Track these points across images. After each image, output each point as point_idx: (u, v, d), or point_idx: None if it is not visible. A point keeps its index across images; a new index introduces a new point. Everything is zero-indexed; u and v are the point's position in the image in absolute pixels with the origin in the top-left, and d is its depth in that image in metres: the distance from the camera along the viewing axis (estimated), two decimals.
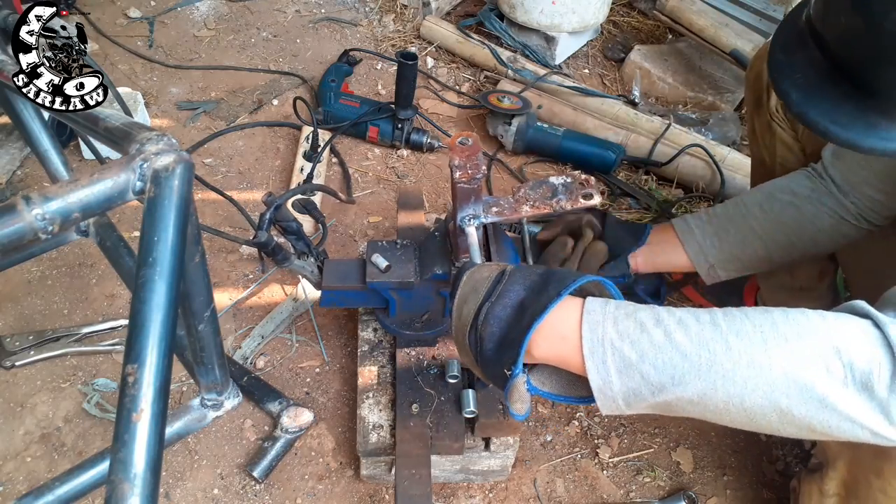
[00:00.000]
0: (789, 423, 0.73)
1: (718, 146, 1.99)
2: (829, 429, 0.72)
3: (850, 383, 0.69)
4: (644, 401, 0.76)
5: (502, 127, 2.03)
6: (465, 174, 1.04)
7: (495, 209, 1.09)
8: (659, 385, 0.74)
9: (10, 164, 1.84)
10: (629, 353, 0.75)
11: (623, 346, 0.75)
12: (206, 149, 2.01)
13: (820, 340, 0.71)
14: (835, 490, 1.04)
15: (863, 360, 0.69)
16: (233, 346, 1.53)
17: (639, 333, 0.75)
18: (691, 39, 2.34)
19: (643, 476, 1.38)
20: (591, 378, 0.77)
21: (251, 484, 1.31)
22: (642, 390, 0.75)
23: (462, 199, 1.09)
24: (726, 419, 0.76)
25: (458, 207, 1.10)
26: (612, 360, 0.75)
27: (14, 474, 1.30)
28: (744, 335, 0.72)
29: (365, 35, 2.52)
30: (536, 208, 1.09)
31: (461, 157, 1.05)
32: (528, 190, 1.11)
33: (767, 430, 0.76)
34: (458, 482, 1.34)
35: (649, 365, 0.74)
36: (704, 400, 0.74)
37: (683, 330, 0.74)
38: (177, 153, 0.76)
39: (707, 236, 1.23)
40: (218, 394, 1.16)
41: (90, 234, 1.40)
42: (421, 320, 1.30)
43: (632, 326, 0.76)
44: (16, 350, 1.45)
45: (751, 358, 0.71)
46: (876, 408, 0.69)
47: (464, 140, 1.07)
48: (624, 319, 0.77)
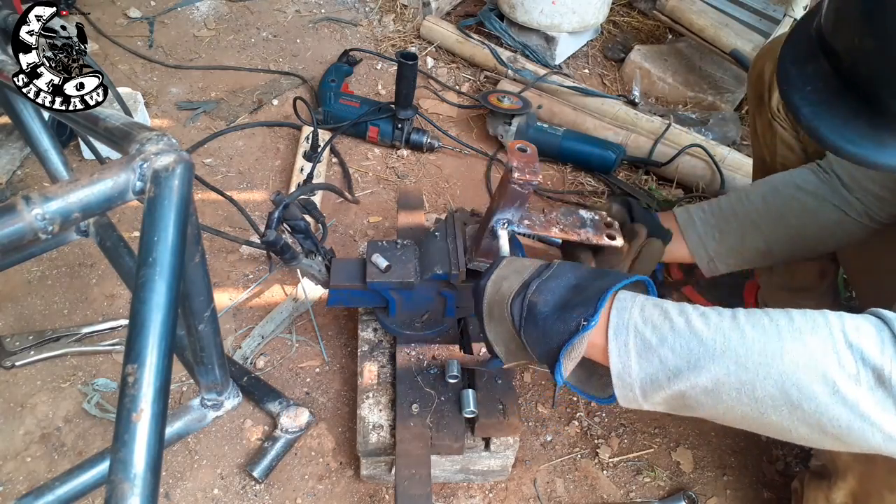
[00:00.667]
0: (800, 419, 0.73)
1: (718, 146, 1.99)
2: (840, 428, 0.71)
3: (862, 379, 0.69)
4: (660, 388, 0.77)
5: (502, 127, 2.03)
6: (523, 177, 1.05)
7: (527, 222, 1.12)
8: (675, 369, 0.76)
9: (10, 164, 1.84)
10: (650, 336, 0.77)
11: (645, 331, 0.77)
12: (206, 149, 2.01)
13: (834, 335, 0.71)
14: (843, 500, 1.03)
15: (875, 355, 0.69)
16: (233, 346, 1.53)
17: (662, 320, 0.78)
18: (691, 39, 2.34)
19: (643, 476, 1.38)
20: (611, 362, 0.79)
21: (251, 484, 1.31)
22: (659, 376, 0.77)
23: (509, 202, 1.08)
24: (738, 414, 0.76)
25: (500, 209, 1.09)
26: (634, 343, 0.78)
27: (14, 474, 1.29)
28: (759, 327, 0.74)
29: (365, 35, 2.52)
30: (565, 233, 1.13)
31: (520, 160, 1.05)
32: (560, 215, 1.15)
33: (779, 429, 0.76)
34: (458, 482, 1.34)
35: (668, 349, 0.76)
36: (718, 387, 0.74)
37: (704, 319, 0.76)
38: (177, 153, 0.76)
39: (708, 228, 1.22)
40: (218, 394, 1.16)
41: (90, 234, 1.40)
42: (421, 320, 1.30)
43: (656, 314, 0.78)
44: (16, 350, 1.45)
45: (764, 346, 0.73)
46: (889, 405, 0.69)
47: (523, 147, 1.08)
48: (651, 308, 0.80)
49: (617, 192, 1.97)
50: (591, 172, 2.04)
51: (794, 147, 1.32)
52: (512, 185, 1.06)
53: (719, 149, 1.96)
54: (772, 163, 1.37)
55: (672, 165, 1.97)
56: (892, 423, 0.69)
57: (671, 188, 2.00)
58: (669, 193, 1.98)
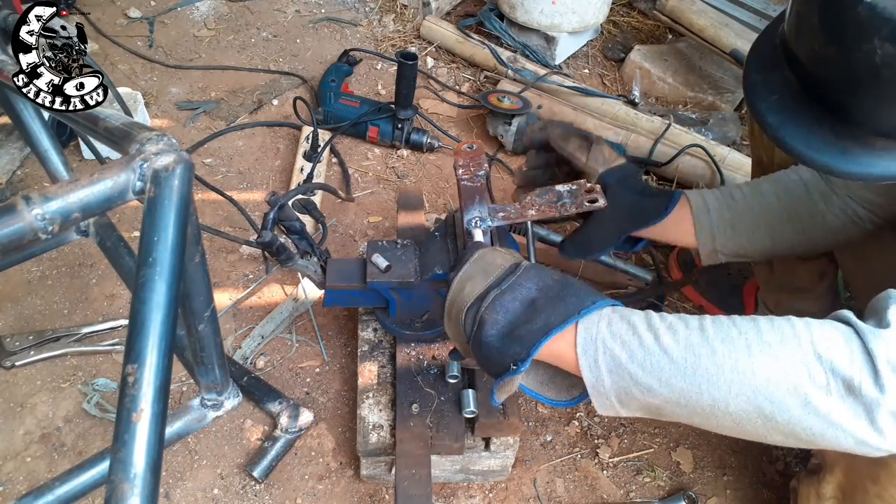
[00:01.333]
0: (774, 429, 0.74)
1: (718, 146, 1.98)
2: (813, 436, 0.72)
3: (832, 389, 0.70)
4: (636, 400, 0.78)
5: (502, 127, 2.03)
6: (468, 171, 1.10)
7: (501, 214, 1.13)
8: (647, 386, 0.76)
9: (10, 164, 1.85)
10: (619, 353, 0.77)
11: (614, 347, 0.77)
12: (206, 149, 2.01)
13: (802, 347, 0.72)
14: (832, 493, 1.04)
15: (844, 365, 0.70)
16: (233, 346, 1.53)
17: (630, 335, 0.77)
18: (691, 39, 2.34)
19: (643, 476, 1.38)
20: (584, 375, 0.79)
21: (251, 484, 1.31)
22: (632, 390, 0.77)
23: (467, 199, 1.11)
24: (714, 424, 0.77)
25: (465, 208, 1.11)
26: (603, 360, 0.78)
27: (14, 474, 1.30)
28: (729, 341, 0.74)
29: (365, 35, 2.52)
30: (542, 212, 1.13)
31: (465, 158, 1.11)
32: (535, 197, 1.15)
33: (755, 436, 0.77)
34: (458, 482, 1.34)
35: (637, 366, 0.76)
36: (691, 403, 0.75)
37: (672, 334, 0.76)
38: (177, 153, 0.76)
39: (722, 222, 1.18)
40: (218, 394, 1.16)
41: (90, 234, 1.40)
42: (421, 320, 1.30)
43: (624, 328, 0.78)
44: (16, 350, 1.45)
45: (734, 363, 0.73)
46: (860, 413, 0.70)
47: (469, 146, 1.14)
48: (618, 321, 0.79)
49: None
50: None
51: None
52: (462, 182, 1.11)
53: (719, 149, 1.96)
54: (769, 163, 1.37)
55: (672, 165, 1.97)
56: (863, 428, 0.70)
57: (671, 188, 2.00)
58: None
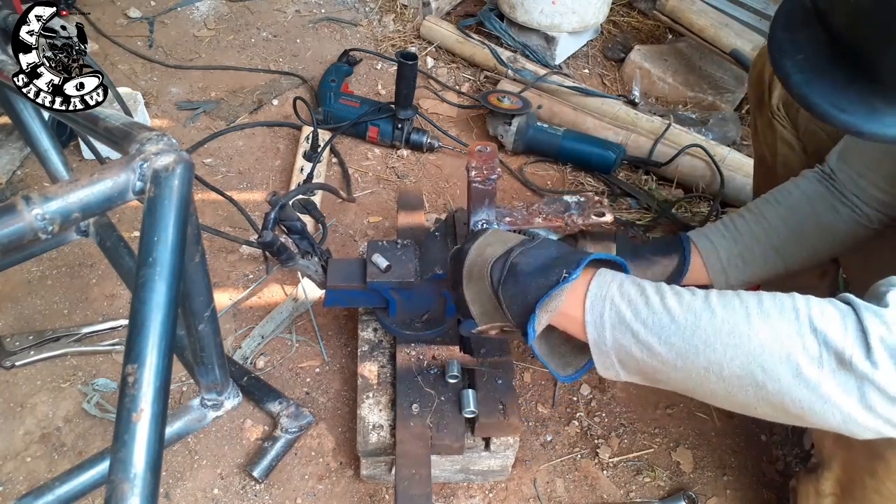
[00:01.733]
0: (764, 399, 0.75)
1: (718, 146, 1.99)
2: (802, 410, 0.73)
3: (824, 361, 0.71)
4: (634, 360, 0.81)
5: (502, 127, 2.03)
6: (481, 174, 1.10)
7: (508, 219, 1.14)
8: (646, 344, 0.79)
9: (10, 164, 1.85)
10: (625, 310, 0.81)
11: (621, 305, 0.81)
12: (206, 149, 2.01)
13: (800, 318, 0.74)
14: (831, 490, 1.04)
15: (837, 339, 0.71)
16: (233, 346, 1.53)
17: (637, 296, 0.81)
18: (691, 39, 2.34)
19: (643, 476, 1.38)
20: (587, 331, 0.83)
21: (251, 484, 1.31)
22: (632, 348, 0.80)
23: (476, 201, 1.11)
24: (707, 391, 0.79)
25: (473, 210, 1.11)
26: (609, 315, 0.82)
27: (14, 474, 1.30)
28: (730, 308, 0.77)
29: (365, 35, 2.52)
30: (548, 220, 1.15)
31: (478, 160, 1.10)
32: (543, 205, 1.17)
33: (745, 407, 0.79)
34: (458, 482, 1.34)
35: (640, 323, 0.79)
36: (687, 365, 0.78)
37: (678, 298, 0.80)
38: (177, 153, 0.76)
39: (732, 257, 1.17)
40: (218, 394, 1.16)
41: (90, 234, 1.40)
42: (421, 320, 1.30)
43: (633, 290, 0.82)
44: (16, 350, 1.45)
45: (732, 327, 0.75)
46: (850, 387, 0.71)
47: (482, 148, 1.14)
48: (629, 284, 0.84)
49: (617, 193, 1.97)
50: (591, 172, 2.04)
51: (795, 146, 1.32)
52: (473, 185, 1.11)
53: (719, 149, 1.96)
54: (772, 162, 1.37)
55: (672, 165, 1.97)
56: (851, 405, 0.71)
57: (671, 188, 2.00)
58: (669, 193, 1.98)
